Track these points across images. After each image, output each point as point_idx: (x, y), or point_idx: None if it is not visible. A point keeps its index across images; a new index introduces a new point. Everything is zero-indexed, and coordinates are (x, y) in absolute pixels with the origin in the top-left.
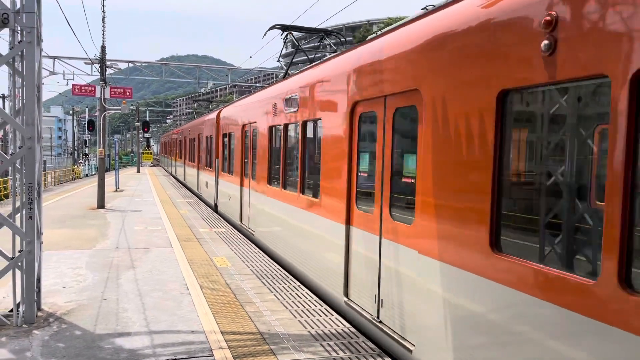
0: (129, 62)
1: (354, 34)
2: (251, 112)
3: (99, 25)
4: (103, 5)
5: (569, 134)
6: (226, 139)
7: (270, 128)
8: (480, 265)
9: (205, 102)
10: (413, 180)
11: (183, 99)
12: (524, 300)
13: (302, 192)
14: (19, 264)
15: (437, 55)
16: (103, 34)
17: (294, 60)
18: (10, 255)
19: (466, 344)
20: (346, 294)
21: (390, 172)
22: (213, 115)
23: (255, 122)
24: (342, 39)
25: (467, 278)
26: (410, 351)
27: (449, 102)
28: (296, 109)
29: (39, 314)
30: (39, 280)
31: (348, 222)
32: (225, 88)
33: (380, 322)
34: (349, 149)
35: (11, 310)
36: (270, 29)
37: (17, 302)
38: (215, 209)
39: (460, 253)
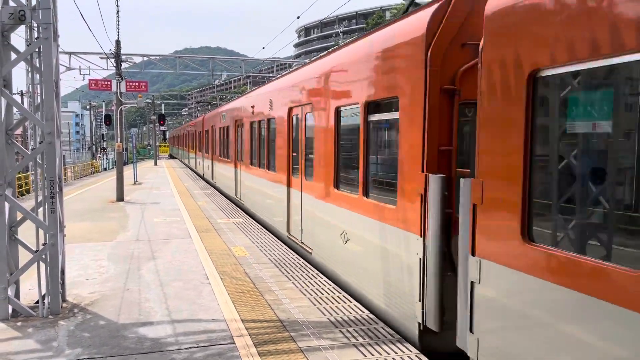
0: (143, 55)
1: (367, 21)
2: (234, 112)
3: (114, 20)
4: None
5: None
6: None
7: (251, 124)
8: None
9: (220, 94)
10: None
11: (198, 91)
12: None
13: (268, 168)
14: (43, 256)
15: (306, 89)
16: (117, 28)
17: (307, 50)
18: (34, 249)
19: (321, 239)
20: (288, 231)
21: (304, 153)
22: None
23: (239, 120)
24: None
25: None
26: (310, 253)
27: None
28: (260, 110)
29: (64, 305)
30: (62, 272)
31: (288, 185)
32: (239, 79)
33: (302, 243)
34: (288, 138)
35: (37, 302)
36: None
37: (42, 293)
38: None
39: (315, 189)
